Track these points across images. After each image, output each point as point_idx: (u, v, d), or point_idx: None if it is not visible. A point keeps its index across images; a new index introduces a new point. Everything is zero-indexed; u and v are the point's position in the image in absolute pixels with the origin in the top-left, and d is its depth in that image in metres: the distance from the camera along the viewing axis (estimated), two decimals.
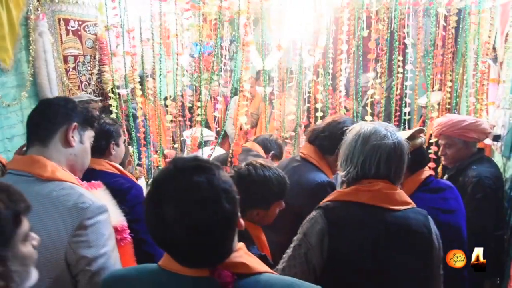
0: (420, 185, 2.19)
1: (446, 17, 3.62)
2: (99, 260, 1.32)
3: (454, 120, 2.65)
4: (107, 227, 1.38)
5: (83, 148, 1.53)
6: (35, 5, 3.66)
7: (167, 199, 0.98)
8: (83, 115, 1.52)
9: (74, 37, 4.15)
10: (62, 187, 1.36)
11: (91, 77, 4.37)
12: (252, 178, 1.77)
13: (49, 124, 1.45)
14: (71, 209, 1.31)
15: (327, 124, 2.28)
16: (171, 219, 0.97)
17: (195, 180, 0.99)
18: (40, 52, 3.66)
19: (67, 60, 4.07)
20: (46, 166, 1.39)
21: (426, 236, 1.51)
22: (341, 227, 1.52)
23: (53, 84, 3.74)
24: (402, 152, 1.56)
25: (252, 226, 1.80)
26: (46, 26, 3.72)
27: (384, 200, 1.53)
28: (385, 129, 1.57)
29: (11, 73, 3.51)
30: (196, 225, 0.97)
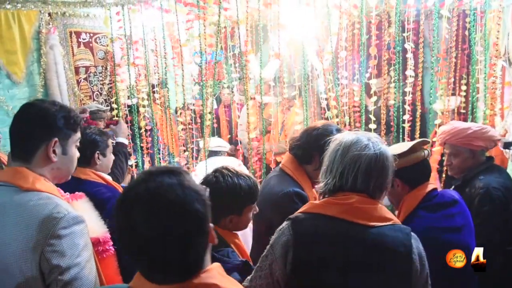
0: (422, 201, 2.00)
1: (459, 19, 3.48)
2: (72, 270, 1.31)
3: (458, 128, 2.47)
4: (82, 238, 1.37)
5: (67, 158, 1.52)
6: (47, 20, 3.80)
7: (137, 201, 0.96)
8: (63, 127, 1.48)
9: (85, 49, 4.27)
10: (39, 197, 1.37)
11: (103, 87, 4.48)
12: (220, 185, 1.74)
13: (28, 143, 1.45)
14: (46, 218, 1.31)
15: (303, 132, 2.18)
16: (140, 222, 0.94)
17: (166, 182, 0.97)
18: (51, 65, 3.80)
19: (78, 71, 4.19)
20: (28, 177, 1.40)
21: (403, 255, 1.39)
22: (306, 241, 1.44)
23: (64, 95, 3.87)
24: (384, 165, 1.45)
25: (228, 233, 1.78)
26: (57, 39, 3.85)
27: (357, 215, 1.42)
28: (368, 139, 1.47)
29: (23, 85, 3.65)
30: (165, 227, 0.93)
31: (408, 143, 2.03)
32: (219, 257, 1.66)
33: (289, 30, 3.17)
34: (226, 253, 1.70)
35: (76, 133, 1.55)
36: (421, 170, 2.01)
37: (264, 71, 3.14)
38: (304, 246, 1.43)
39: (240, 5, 3.07)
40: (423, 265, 1.42)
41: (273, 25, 3.25)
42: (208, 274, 1.03)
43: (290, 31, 3.18)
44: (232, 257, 1.70)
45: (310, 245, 1.43)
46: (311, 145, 2.07)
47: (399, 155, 1.92)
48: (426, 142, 2.09)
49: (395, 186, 2.00)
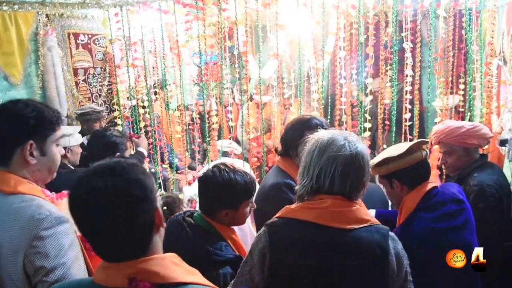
0: (421, 200, 1.99)
1: (455, 19, 3.51)
2: (57, 271, 1.29)
3: (451, 127, 2.50)
4: (67, 237, 1.35)
5: (47, 158, 1.49)
6: (44, 21, 3.80)
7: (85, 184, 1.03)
8: (37, 128, 1.44)
9: (84, 51, 4.27)
10: (22, 199, 1.36)
11: (102, 89, 4.48)
12: (217, 180, 1.77)
13: (4, 148, 1.43)
14: (28, 220, 1.31)
15: (286, 125, 2.26)
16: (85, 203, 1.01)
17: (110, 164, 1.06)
18: (49, 66, 3.80)
19: (77, 73, 4.19)
20: (10, 181, 1.39)
21: (379, 257, 1.38)
22: (282, 247, 1.43)
23: (62, 96, 3.87)
24: (360, 164, 1.43)
25: (223, 228, 1.81)
26: (55, 40, 3.85)
27: (332, 218, 1.41)
28: (344, 138, 1.45)
29: (21, 87, 3.65)
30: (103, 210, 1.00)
31: (406, 144, 2.03)
32: (211, 249, 1.68)
33: (288, 30, 3.18)
34: (219, 246, 1.72)
35: (55, 132, 1.51)
36: (420, 170, 2.01)
37: (263, 71, 3.15)
38: (279, 252, 1.43)
39: (238, 6, 3.09)
40: (400, 265, 1.42)
41: (272, 26, 3.26)
42: (156, 261, 1.05)
43: (289, 31, 3.19)
44: (225, 251, 1.72)
45: (285, 250, 1.43)
46: (288, 137, 2.17)
47: (397, 157, 1.94)
48: (425, 142, 2.08)
49: (394, 188, 2.02)
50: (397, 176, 1.98)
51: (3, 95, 3.49)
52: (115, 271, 1.03)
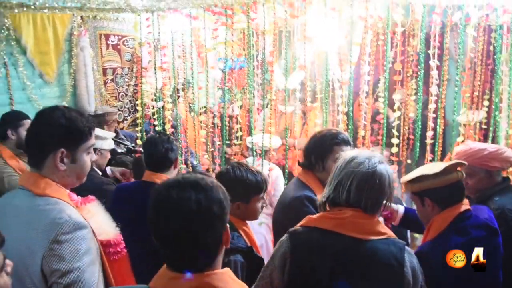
0: (453, 222, 1.95)
1: (484, 34, 3.49)
2: (72, 274, 1.36)
3: (474, 148, 2.45)
4: (84, 243, 1.41)
5: (76, 166, 1.54)
6: (79, 22, 3.93)
7: (166, 203, 1.12)
8: (69, 137, 1.51)
9: (113, 51, 4.40)
10: (48, 202, 1.43)
11: (128, 89, 4.60)
12: (230, 176, 1.95)
13: (37, 153, 1.49)
14: (49, 223, 1.38)
15: (311, 138, 2.34)
16: (166, 213, 1.10)
17: (190, 194, 1.11)
18: (80, 66, 3.93)
19: (106, 73, 4.32)
20: (40, 183, 1.46)
21: (396, 269, 1.45)
22: (302, 252, 1.53)
23: (91, 95, 4.01)
24: (376, 183, 1.51)
25: (236, 220, 1.95)
26: (87, 41, 3.98)
27: (351, 228, 1.50)
28: (366, 157, 1.54)
29: (54, 85, 3.79)
30: (183, 223, 1.08)
31: (442, 164, 2.01)
32: None
33: (315, 42, 3.22)
34: (231, 236, 1.82)
35: (86, 141, 1.56)
36: (454, 191, 1.98)
37: (289, 82, 3.20)
38: (300, 257, 1.53)
39: (267, 16, 3.14)
40: (416, 278, 1.49)
41: (300, 37, 3.30)
42: (218, 276, 1.14)
43: (316, 42, 3.23)
44: (237, 240, 1.85)
45: (305, 256, 1.53)
46: (309, 150, 2.27)
47: (432, 175, 1.94)
48: (461, 164, 2.04)
49: (425, 206, 2.00)
50: (430, 195, 1.97)
51: (37, 91, 3.63)
52: (176, 282, 1.11)
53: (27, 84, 3.50)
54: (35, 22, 3.53)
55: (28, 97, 3.54)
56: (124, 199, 2.53)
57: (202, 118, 3.83)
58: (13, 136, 2.98)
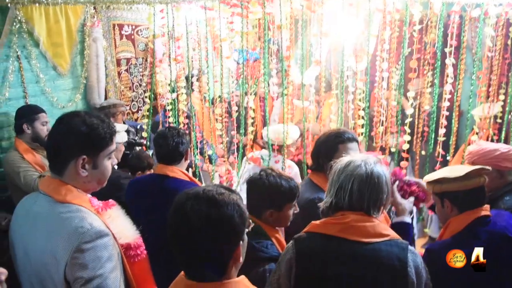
0: (468, 226, 1.94)
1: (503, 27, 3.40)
2: (95, 281, 1.39)
3: (486, 149, 2.45)
4: (106, 250, 1.43)
5: (98, 171, 1.56)
6: (92, 13, 3.89)
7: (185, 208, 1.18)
8: (90, 144, 1.51)
9: (127, 41, 4.36)
10: (69, 209, 1.45)
11: (142, 79, 4.57)
12: (263, 182, 1.95)
13: (59, 159, 1.50)
14: (71, 232, 1.39)
15: (317, 140, 2.36)
16: (180, 224, 1.17)
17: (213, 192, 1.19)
18: (92, 57, 3.91)
19: (119, 63, 4.29)
20: (61, 189, 1.48)
21: (398, 269, 1.49)
22: (306, 258, 1.57)
23: (101, 87, 3.99)
24: (375, 182, 1.57)
25: (269, 228, 1.97)
26: (100, 32, 3.94)
27: (353, 232, 1.54)
28: (362, 160, 1.60)
29: (68, 77, 3.78)
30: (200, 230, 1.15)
31: (466, 168, 2.01)
32: (257, 246, 1.84)
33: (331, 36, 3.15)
34: (265, 244, 1.88)
35: (108, 147, 1.56)
36: (474, 196, 1.97)
37: (305, 77, 3.14)
38: (304, 262, 1.58)
39: (283, 7, 3.07)
40: (420, 277, 1.52)
41: (316, 31, 3.23)
42: (232, 285, 1.19)
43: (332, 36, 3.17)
44: (271, 249, 1.87)
45: (310, 262, 1.58)
46: (315, 151, 2.32)
47: (453, 179, 1.95)
48: (485, 169, 2.02)
49: (444, 207, 2.02)
50: (450, 197, 1.99)
51: (51, 84, 3.61)
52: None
53: (40, 77, 3.48)
54: (48, 14, 3.49)
55: (42, 90, 3.52)
56: (140, 192, 2.57)
57: (218, 110, 3.79)
58: (28, 130, 2.99)
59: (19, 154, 2.93)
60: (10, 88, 3.24)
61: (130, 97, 4.43)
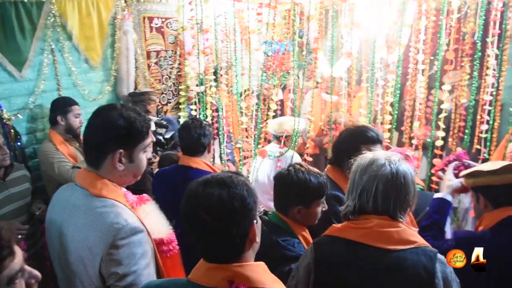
0: (499, 223, 1.88)
1: None
2: (129, 277, 1.40)
3: None
4: (140, 247, 1.44)
5: (134, 165, 1.56)
6: (123, 6, 3.93)
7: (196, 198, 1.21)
8: (127, 138, 1.51)
9: (157, 34, 4.39)
10: (104, 204, 1.45)
11: (172, 71, 4.60)
12: (291, 178, 1.89)
13: (96, 153, 1.51)
14: (107, 228, 1.40)
15: (340, 134, 2.31)
16: (194, 208, 1.20)
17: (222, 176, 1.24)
18: (123, 50, 3.95)
19: (149, 56, 4.33)
20: (97, 183, 1.49)
21: (425, 280, 1.37)
22: (326, 264, 1.49)
23: (130, 80, 4.03)
24: (401, 182, 1.45)
25: (296, 225, 1.91)
26: (130, 25, 3.98)
27: (377, 238, 1.43)
28: (386, 158, 1.49)
29: (99, 69, 3.84)
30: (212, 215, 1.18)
31: (504, 163, 1.92)
32: (284, 244, 1.79)
33: (362, 27, 3.06)
34: (292, 243, 1.83)
35: (144, 140, 1.56)
36: (509, 192, 1.89)
37: (334, 70, 3.07)
38: (323, 269, 1.49)
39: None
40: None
41: (347, 22, 3.15)
42: (251, 267, 1.21)
43: (363, 27, 3.07)
44: (298, 247, 1.81)
45: (329, 268, 1.49)
46: (338, 146, 2.25)
47: (487, 172, 1.89)
48: None
49: (479, 202, 1.96)
50: (483, 191, 1.93)
51: (83, 77, 3.68)
52: (214, 272, 1.19)
53: (72, 70, 3.55)
54: (80, 7, 3.55)
55: (74, 83, 3.60)
56: (165, 183, 2.60)
57: (244, 104, 3.77)
58: (62, 122, 3.07)
59: (53, 146, 3.02)
60: (45, 81, 3.32)
61: (159, 90, 4.46)
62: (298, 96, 4.49)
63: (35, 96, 3.25)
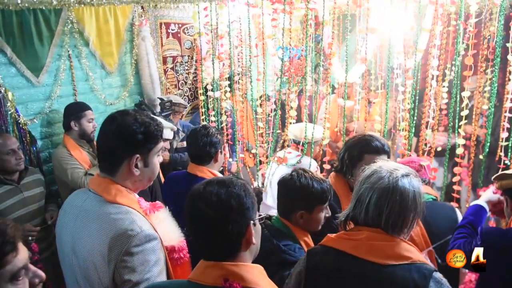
0: None
1: None
2: (142, 284, 1.39)
3: None
4: (153, 254, 1.44)
5: (149, 169, 1.57)
6: (140, 12, 3.98)
7: (195, 199, 1.27)
8: (143, 143, 1.52)
9: (173, 39, 4.43)
10: (119, 210, 1.45)
11: (188, 76, 4.62)
12: (294, 183, 1.90)
13: (111, 159, 1.51)
14: (121, 234, 1.40)
15: (346, 142, 2.28)
16: (193, 205, 1.26)
17: (223, 178, 1.31)
18: (142, 55, 3.99)
19: (166, 61, 4.36)
20: (111, 189, 1.49)
21: None
22: (316, 274, 1.47)
23: (155, 83, 4.08)
24: (396, 199, 1.37)
25: (298, 230, 1.91)
26: (148, 30, 4.03)
27: (367, 252, 1.38)
28: (388, 170, 1.42)
29: (116, 75, 3.89)
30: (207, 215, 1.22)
31: None
32: (285, 249, 1.79)
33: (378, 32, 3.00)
34: (293, 248, 1.83)
35: (157, 144, 1.58)
36: None
37: (349, 76, 3.02)
38: (313, 278, 1.48)
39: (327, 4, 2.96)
40: None
41: (362, 27, 3.10)
42: (247, 268, 1.23)
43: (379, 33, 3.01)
44: (298, 252, 1.80)
45: (319, 278, 1.47)
46: (342, 155, 2.23)
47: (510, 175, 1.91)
48: None
49: (508, 205, 1.96)
50: (510, 194, 1.95)
51: (100, 82, 3.74)
52: (210, 270, 1.22)
53: (89, 75, 3.61)
54: (98, 14, 3.61)
55: (91, 88, 3.66)
56: (173, 188, 2.60)
57: (260, 110, 3.75)
58: (76, 127, 3.10)
59: (67, 151, 3.06)
60: (61, 86, 3.39)
61: (176, 95, 4.48)
62: (315, 102, 4.46)
63: (51, 101, 3.32)
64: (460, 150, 3.09)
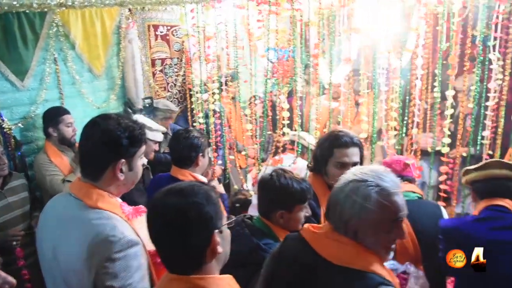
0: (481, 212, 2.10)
1: None
2: None
3: None
4: (135, 260, 1.42)
5: (133, 173, 1.56)
6: (127, 15, 3.96)
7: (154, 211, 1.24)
8: (128, 147, 1.50)
9: (162, 42, 4.41)
10: (100, 216, 1.43)
11: (177, 79, 4.61)
12: (274, 183, 1.91)
13: (95, 164, 1.49)
14: (103, 240, 1.37)
15: (318, 141, 2.30)
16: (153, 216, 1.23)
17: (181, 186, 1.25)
18: (128, 58, 3.98)
19: (154, 64, 4.35)
20: (92, 194, 1.47)
21: None
22: (279, 257, 1.49)
23: (139, 87, 4.05)
24: (346, 200, 1.33)
25: (279, 230, 1.92)
26: (135, 33, 4.01)
27: (321, 246, 1.36)
28: (354, 173, 1.37)
29: (103, 78, 3.87)
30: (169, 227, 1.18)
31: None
32: (264, 248, 1.82)
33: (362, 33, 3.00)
34: (273, 247, 1.81)
35: (141, 147, 1.57)
36: (489, 186, 2.12)
37: (333, 76, 3.02)
38: (276, 262, 1.50)
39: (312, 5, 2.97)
40: None
41: (346, 29, 3.10)
42: (211, 280, 1.19)
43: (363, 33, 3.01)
44: None
45: (280, 262, 1.48)
46: (315, 154, 2.26)
47: (473, 169, 2.16)
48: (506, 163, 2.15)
49: (472, 196, 2.23)
50: (472, 186, 2.19)
51: (87, 85, 3.71)
52: (174, 283, 1.19)
53: (76, 79, 3.58)
54: (84, 17, 3.58)
55: (78, 91, 3.63)
56: (157, 190, 2.56)
57: (248, 111, 3.74)
58: (54, 133, 3.06)
59: (48, 158, 3.02)
60: (47, 90, 3.35)
61: (165, 97, 4.47)
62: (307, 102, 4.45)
63: (37, 105, 3.28)
64: (445, 149, 3.10)
